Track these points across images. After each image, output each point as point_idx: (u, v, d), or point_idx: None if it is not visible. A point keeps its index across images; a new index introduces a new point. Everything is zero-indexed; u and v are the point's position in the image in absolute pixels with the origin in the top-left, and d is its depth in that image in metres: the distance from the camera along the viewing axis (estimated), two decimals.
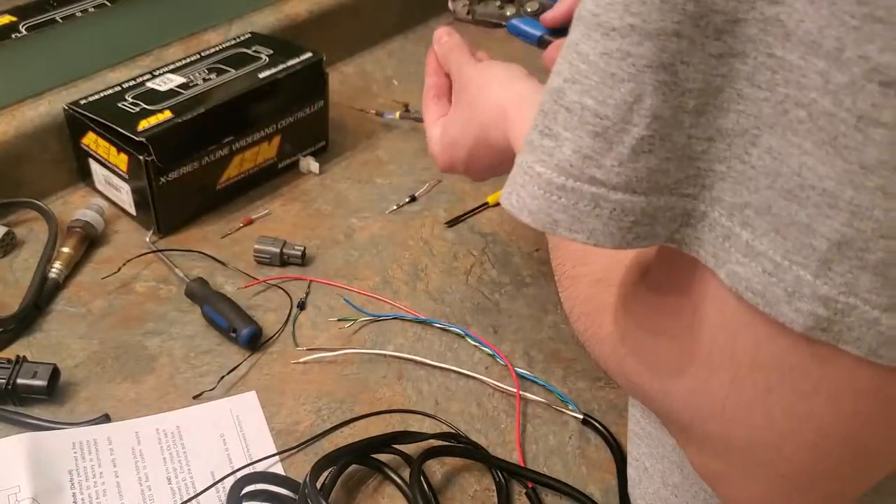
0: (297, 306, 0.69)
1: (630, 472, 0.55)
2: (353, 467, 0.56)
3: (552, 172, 0.31)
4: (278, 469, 0.57)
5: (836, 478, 0.33)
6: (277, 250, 0.73)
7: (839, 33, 0.24)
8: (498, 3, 1.04)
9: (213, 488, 0.55)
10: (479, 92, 0.62)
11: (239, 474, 0.55)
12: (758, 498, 0.35)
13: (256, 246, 0.73)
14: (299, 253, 0.73)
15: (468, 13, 1.04)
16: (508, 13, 1.02)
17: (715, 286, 0.31)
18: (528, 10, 1.02)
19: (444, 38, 0.67)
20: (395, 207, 0.81)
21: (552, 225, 0.31)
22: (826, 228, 0.26)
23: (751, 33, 0.27)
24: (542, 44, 0.93)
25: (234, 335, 0.65)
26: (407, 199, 0.82)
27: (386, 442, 0.57)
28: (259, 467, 0.57)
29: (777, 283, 0.28)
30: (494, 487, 0.57)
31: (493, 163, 0.62)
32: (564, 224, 0.31)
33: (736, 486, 0.35)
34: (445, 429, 0.61)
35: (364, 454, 0.57)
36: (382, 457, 0.57)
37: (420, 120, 0.82)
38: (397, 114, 0.91)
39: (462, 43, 0.67)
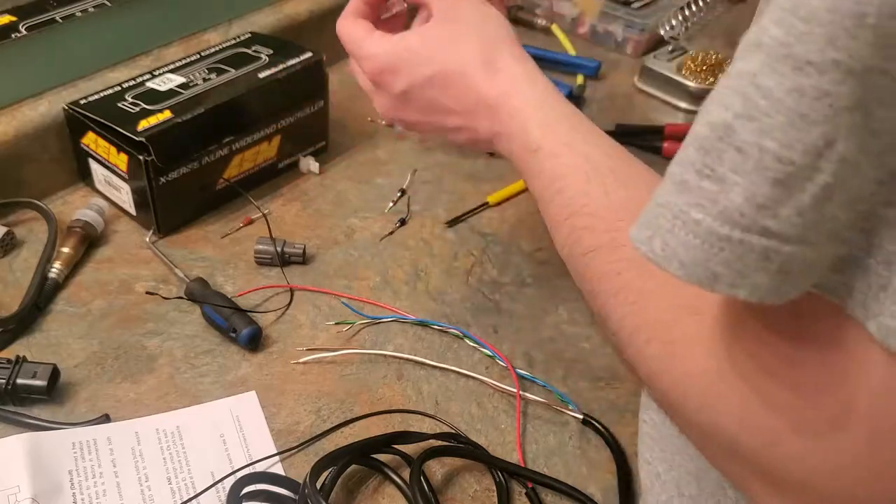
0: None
1: (641, 475, 0.53)
2: (353, 467, 0.56)
3: (715, 221, 0.27)
4: (278, 469, 0.57)
5: None
6: (278, 250, 0.73)
7: None
8: None
9: (213, 488, 0.55)
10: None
11: (239, 474, 0.55)
12: None
13: (257, 246, 0.73)
14: (300, 251, 0.73)
15: None
16: None
17: (873, 343, 0.28)
18: None
19: None
20: (391, 205, 0.81)
21: (710, 280, 0.28)
22: None
23: None
24: None
25: (233, 335, 0.65)
26: (398, 194, 0.82)
27: (386, 442, 0.57)
28: (259, 467, 0.57)
29: None
30: (494, 487, 0.57)
31: (456, 111, 0.53)
32: (726, 279, 0.28)
33: None
34: (445, 429, 0.60)
35: (364, 454, 0.57)
36: (382, 457, 0.57)
37: None
38: None
39: None
